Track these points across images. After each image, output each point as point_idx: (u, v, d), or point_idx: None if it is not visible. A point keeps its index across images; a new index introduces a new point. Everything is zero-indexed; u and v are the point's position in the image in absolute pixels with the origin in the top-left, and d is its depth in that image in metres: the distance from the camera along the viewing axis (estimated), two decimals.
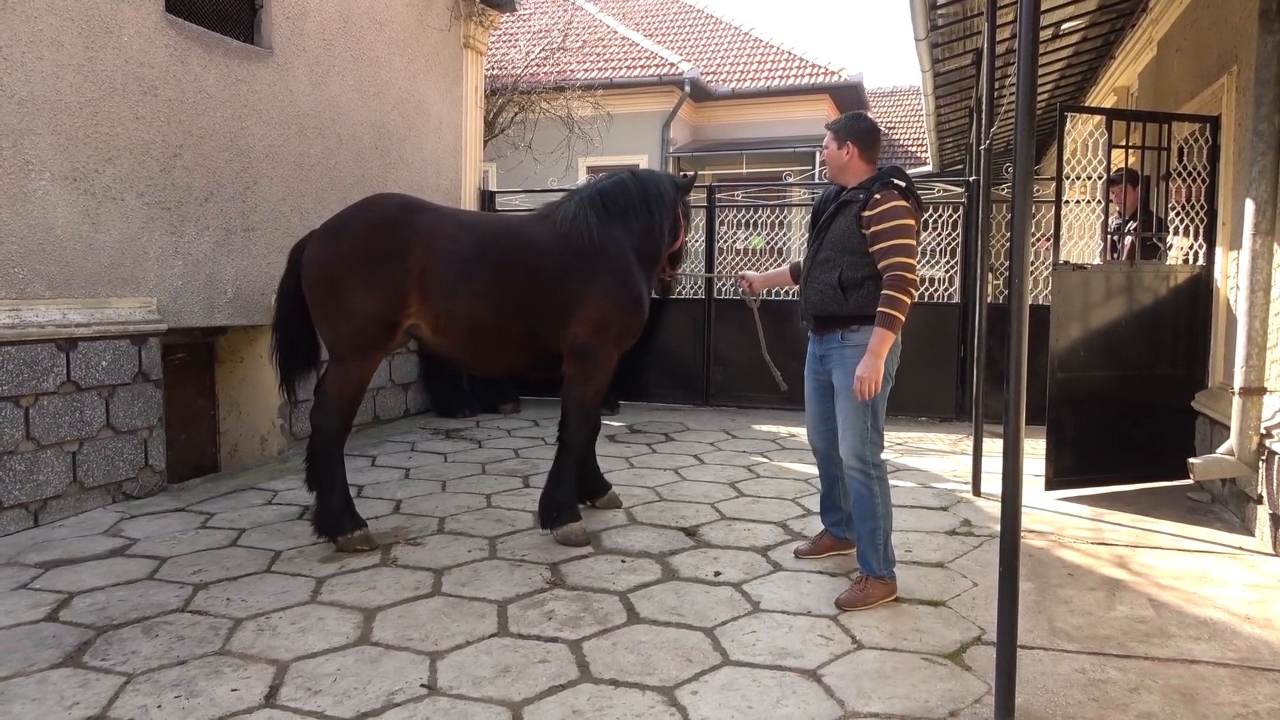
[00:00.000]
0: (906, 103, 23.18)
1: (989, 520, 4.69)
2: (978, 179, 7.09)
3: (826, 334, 3.64)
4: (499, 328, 4.20)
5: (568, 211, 4.42)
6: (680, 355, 8.59)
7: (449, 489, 5.39)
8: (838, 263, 3.55)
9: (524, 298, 4.20)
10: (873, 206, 3.43)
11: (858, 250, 3.50)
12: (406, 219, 4.17)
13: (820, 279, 3.61)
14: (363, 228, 4.15)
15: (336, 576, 3.80)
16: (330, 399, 4.15)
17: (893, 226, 3.40)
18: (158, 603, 3.50)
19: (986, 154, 5.36)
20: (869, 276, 3.49)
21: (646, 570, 3.90)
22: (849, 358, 3.52)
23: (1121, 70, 8.30)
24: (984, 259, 5.48)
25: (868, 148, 3.61)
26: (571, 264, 4.27)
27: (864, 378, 3.38)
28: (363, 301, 4.04)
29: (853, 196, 3.54)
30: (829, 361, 3.65)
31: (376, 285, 4.05)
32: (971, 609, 3.46)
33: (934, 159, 12.87)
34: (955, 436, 7.19)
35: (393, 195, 4.47)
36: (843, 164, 3.62)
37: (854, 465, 3.55)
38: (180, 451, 5.82)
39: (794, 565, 3.97)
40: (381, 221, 4.16)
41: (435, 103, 8.23)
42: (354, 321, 4.06)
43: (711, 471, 5.88)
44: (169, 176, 5.38)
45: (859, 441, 3.52)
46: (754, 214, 8.65)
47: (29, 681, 2.85)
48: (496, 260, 4.20)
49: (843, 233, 3.54)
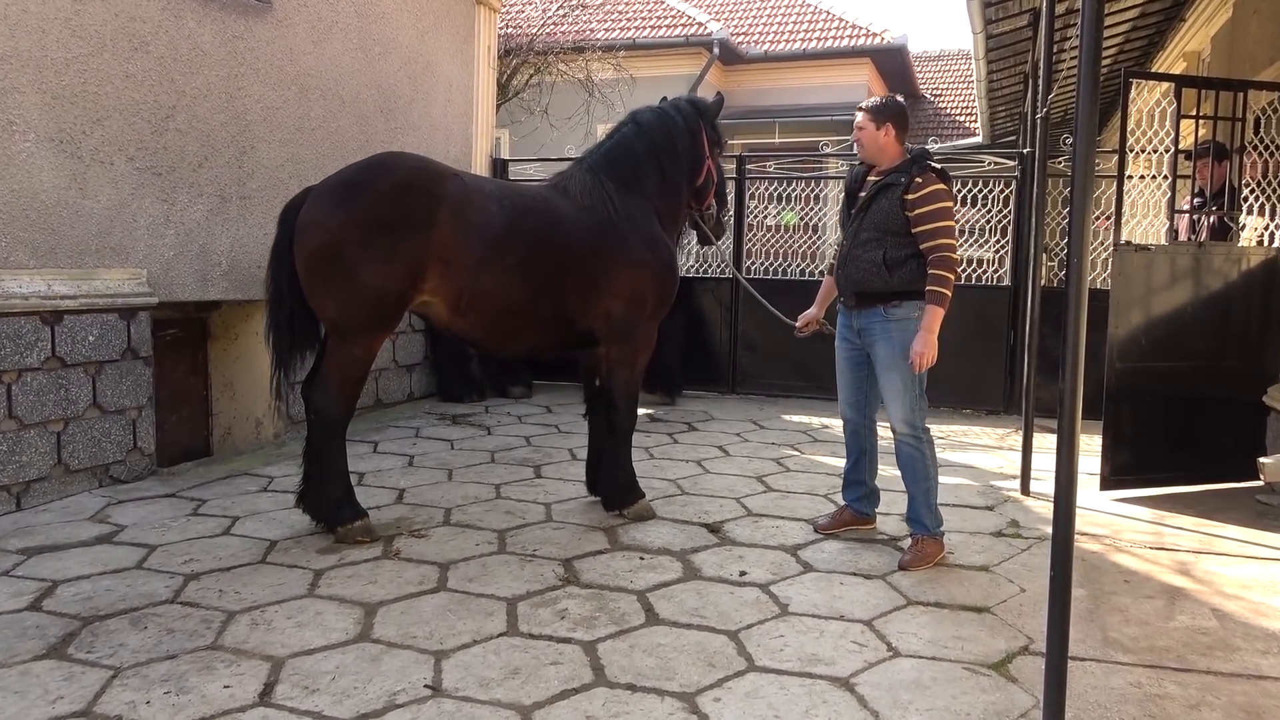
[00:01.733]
0: (955, 67, 22.96)
1: (1039, 521, 4.67)
2: (1032, 151, 7.01)
3: (867, 309, 4.07)
4: (528, 307, 4.24)
5: (583, 182, 4.45)
6: (705, 339, 8.58)
7: (455, 478, 5.42)
8: (881, 242, 4.00)
9: (555, 274, 4.25)
10: (915, 190, 3.91)
11: (901, 231, 3.97)
12: (430, 185, 4.06)
13: (863, 257, 4.04)
14: (381, 190, 4.00)
15: (336, 569, 3.84)
16: (332, 381, 4.11)
17: (936, 209, 3.90)
18: (147, 593, 3.55)
19: (1043, 124, 5.29)
20: (911, 255, 3.96)
21: (666, 568, 3.91)
22: (893, 331, 3.99)
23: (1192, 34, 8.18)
24: (1038, 238, 5.42)
25: (903, 129, 4.07)
26: (599, 236, 4.34)
27: (923, 353, 3.87)
28: (375, 276, 3.93)
29: (894, 179, 3.98)
30: (870, 335, 4.09)
31: (393, 258, 3.93)
32: (1018, 616, 3.44)
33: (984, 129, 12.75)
34: (1003, 431, 7.16)
35: (406, 155, 4.39)
36: (880, 145, 4.06)
37: (905, 431, 4.04)
38: (171, 434, 5.89)
39: (826, 565, 3.97)
40: (402, 185, 4.03)
41: (445, 63, 8.23)
42: (363, 296, 3.95)
43: (737, 464, 5.88)
44: (161, 139, 5.41)
45: (908, 409, 4.01)
46: (787, 187, 8.60)
47: (10, 674, 2.89)
48: (529, 234, 4.20)
49: (885, 214, 3.98)
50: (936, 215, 3.89)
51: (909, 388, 3.99)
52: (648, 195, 4.56)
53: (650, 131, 4.63)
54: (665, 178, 4.63)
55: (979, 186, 7.93)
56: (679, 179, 4.69)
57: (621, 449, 4.63)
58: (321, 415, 4.16)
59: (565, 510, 4.78)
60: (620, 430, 4.60)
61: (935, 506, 4.06)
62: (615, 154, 4.57)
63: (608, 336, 4.46)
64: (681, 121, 4.69)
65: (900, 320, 3.98)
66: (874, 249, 4.01)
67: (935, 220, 3.89)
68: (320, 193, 4.09)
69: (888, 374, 4.04)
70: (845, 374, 4.29)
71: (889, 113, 4.03)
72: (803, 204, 8.68)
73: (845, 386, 4.30)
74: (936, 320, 3.88)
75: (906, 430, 4.03)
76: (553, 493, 5.11)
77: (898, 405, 4.02)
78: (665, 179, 4.63)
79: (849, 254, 4.11)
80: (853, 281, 4.09)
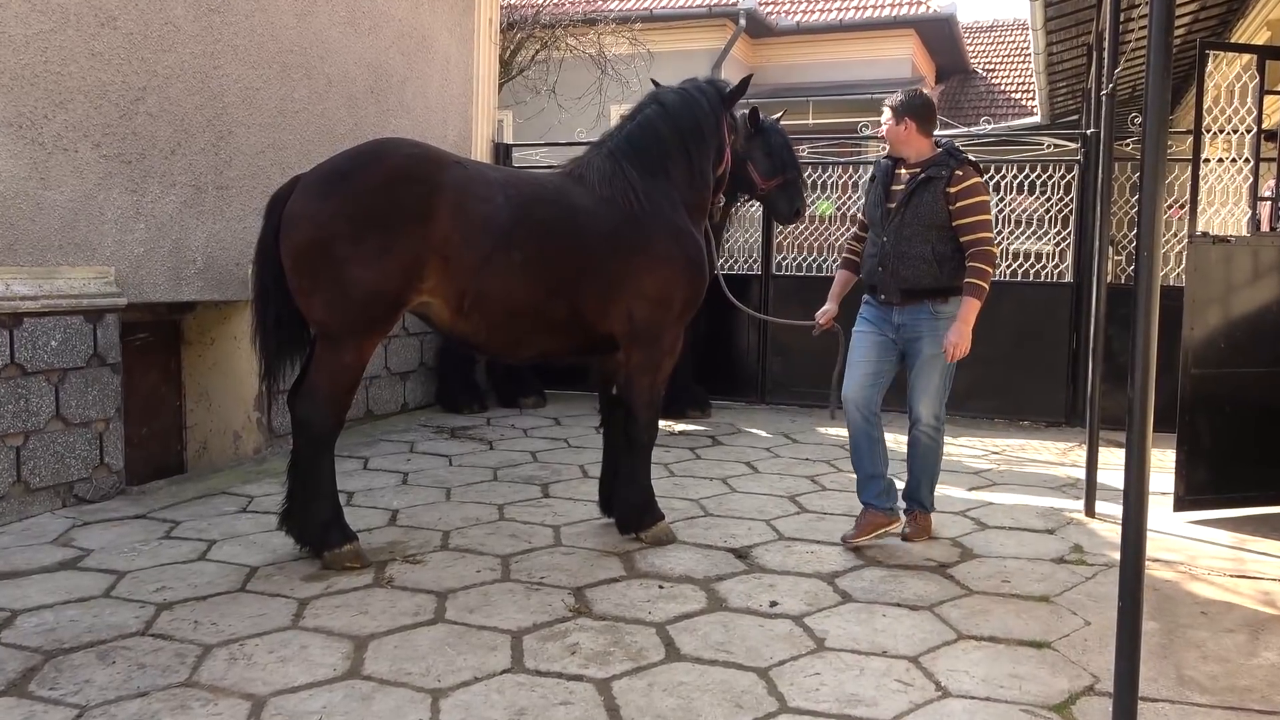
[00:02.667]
0: (1010, 39, 22.89)
1: (1105, 546, 4.65)
2: (1097, 132, 6.98)
3: (913, 305, 4.48)
4: (539, 308, 4.26)
5: (603, 169, 4.46)
6: (730, 343, 8.58)
7: (454, 497, 5.44)
8: (926, 236, 4.41)
9: (570, 272, 4.27)
10: (956, 183, 4.38)
11: (944, 225, 4.40)
12: (428, 174, 4.07)
13: (910, 253, 4.43)
14: (374, 180, 4.01)
15: (322, 598, 3.85)
16: (320, 389, 4.11)
17: (976, 203, 4.39)
18: (115, 624, 3.57)
19: (1108, 101, 5.27)
20: (956, 249, 4.42)
21: (688, 598, 3.91)
22: (940, 328, 4.43)
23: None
24: (1103, 229, 5.40)
25: (925, 122, 4.53)
26: (621, 230, 4.35)
27: (957, 344, 4.33)
28: (368, 274, 3.94)
29: (934, 173, 4.42)
30: (913, 331, 4.50)
31: (388, 255, 3.94)
32: (1082, 652, 3.43)
33: (1043, 108, 12.70)
34: (1065, 445, 7.12)
35: (402, 141, 4.41)
36: (901, 139, 4.55)
37: (930, 424, 4.60)
38: (141, 449, 5.94)
39: (866, 595, 3.96)
40: (397, 174, 4.04)
41: (441, 37, 8.28)
42: (353, 297, 3.96)
43: (767, 482, 5.88)
44: (130, 124, 5.46)
45: (937, 402, 4.56)
46: (822, 173, 8.60)
47: None
48: (539, 227, 4.22)
49: (929, 209, 4.41)
50: (976, 209, 4.38)
51: (944, 383, 4.54)
52: (675, 184, 4.58)
53: (676, 114, 4.64)
54: (693, 164, 4.65)
55: (1037, 172, 7.90)
56: (706, 166, 4.72)
57: (640, 465, 4.64)
58: (308, 428, 4.16)
59: (576, 533, 4.79)
60: (639, 444, 4.61)
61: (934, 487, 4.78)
62: (639, 138, 4.57)
63: (629, 340, 4.47)
64: (706, 104, 4.72)
65: (947, 318, 4.41)
66: (920, 244, 4.40)
67: (975, 214, 4.37)
68: (309, 183, 4.11)
69: (929, 370, 4.49)
70: (867, 363, 4.58)
71: (908, 108, 4.50)
72: (840, 192, 8.67)
73: (863, 374, 4.58)
74: (973, 312, 4.34)
75: (932, 421, 4.59)
76: (562, 514, 5.13)
77: (931, 399, 4.54)
78: (693, 166, 4.65)
79: (893, 250, 4.45)
80: (900, 278, 4.44)
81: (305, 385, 4.18)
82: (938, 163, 4.44)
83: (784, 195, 7.08)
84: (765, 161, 6.89)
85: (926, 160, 4.48)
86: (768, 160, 6.90)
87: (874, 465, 4.62)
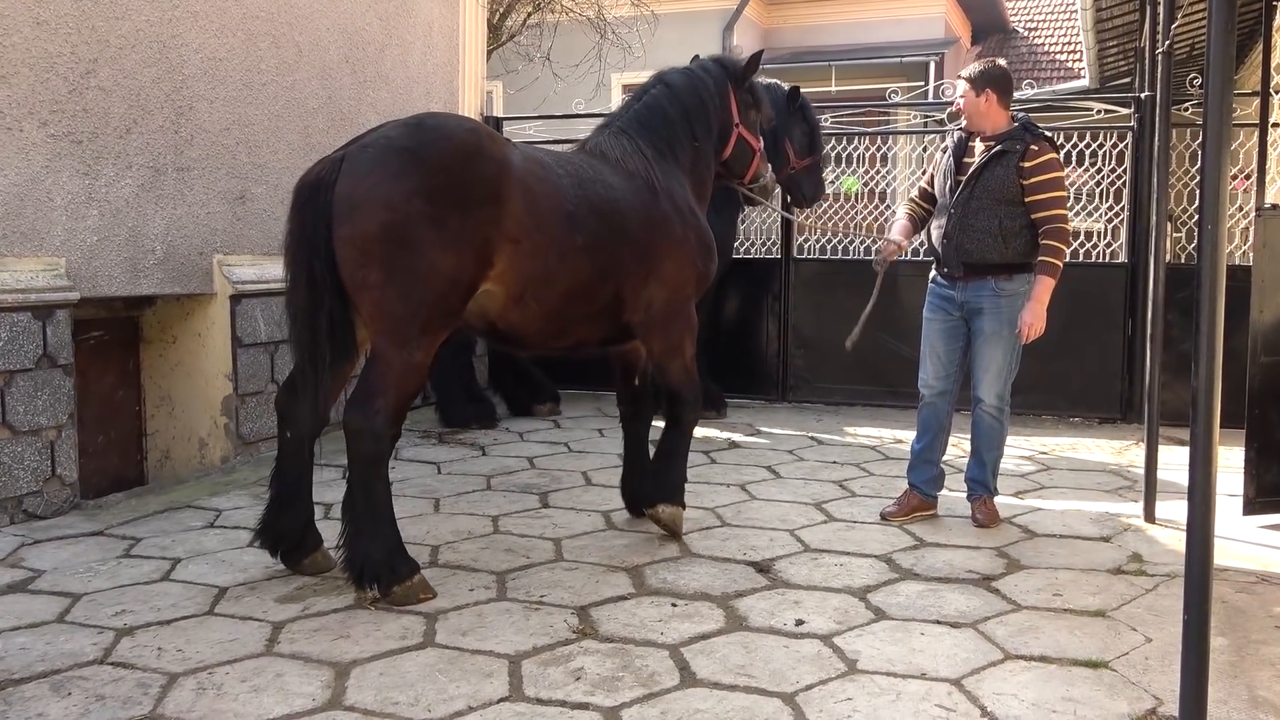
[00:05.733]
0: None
1: (1167, 555, 4.64)
2: (1152, 95, 6.97)
3: (976, 280, 4.83)
4: (592, 293, 4.47)
5: (623, 147, 4.71)
6: (748, 334, 8.58)
7: (444, 508, 5.45)
8: (995, 211, 4.75)
9: (619, 254, 4.51)
10: (1030, 158, 4.70)
11: (1015, 200, 4.74)
12: (496, 152, 4.17)
13: (976, 226, 4.78)
14: (449, 157, 4.04)
15: (299, 621, 3.86)
16: (386, 396, 3.99)
17: (1051, 179, 4.71)
18: (70, 652, 3.57)
19: (1165, 60, 5.25)
20: (1025, 226, 4.75)
21: (705, 617, 3.91)
22: (1003, 306, 4.78)
23: None
24: (1161, 203, 5.39)
25: (1005, 94, 4.85)
26: (651, 209, 4.62)
27: (1032, 323, 4.69)
28: (449, 259, 3.95)
29: (1009, 147, 4.74)
30: (977, 308, 4.84)
31: (464, 238, 3.99)
32: (1143, 672, 3.42)
33: (1091, 70, 12.65)
34: (1121, 443, 7.11)
35: (448, 115, 4.61)
36: (981, 112, 4.84)
37: (994, 405, 4.93)
38: (97, 459, 5.95)
39: (902, 611, 3.96)
40: (470, 151, 4.09)
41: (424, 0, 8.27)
42: (433, 285, 3.95)
43: (791, 488, 5.88)
44: (80, 100, 5.47)
45: (1003, 384, 4.90)
46: (847, 145, 8.59)
47: None
48: (596, 208, 4.42)
49: (1000, 182, 4.75)
50: (1051, 185, 4.71)
51: (1009, 362, 4.87)
52: (682, 166, 4.88)
53: (681, 95, 4.92)
54: (698, 147, 4.96)
55: (1086, 141, 7.88)
56: (709, 150, 5.03)
57: (683, 442, 4.93)
58: (367, 442, 4.01)
59: (579, 546, 4.79)
60: (685, 422, 4.90)
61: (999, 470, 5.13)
62: (648, 117, 4.86)
63: (646, 328, 4.71)
64: (712, 85, 5.01)
65: (1011, 295, 4.78)
66: (988, 218, 4.76)
67: (1050, 190, 4.70)
68: (370, 161, 4.00)
69: (990, 348, 4.85)
70: (938, 347, 5.02)
71: (988, 78, 4.81)
72: (866, 166, 8.66)
73: (936, 361, 5.03)
74: (1047, 291, 4.70)
75: (996, 403, 4.93)
76: (564, 525, 5.13)
77: (994, 379, 4.89)
78: (697, 149, 4.96)
79: (958, 223, 4.82)
80: (964, 251, 4.82)
81: (363, 394, 4.02)
82: (1013, 136, 4.78)
83: (810, 178, 7.37)
84: (803, 140, 7.26)
85: (1002, 134, 4.81)
86: (806, 139, 7.28)
87: (932, 451, 5.11)
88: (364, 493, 4.06)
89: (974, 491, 5.10)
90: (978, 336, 4.89)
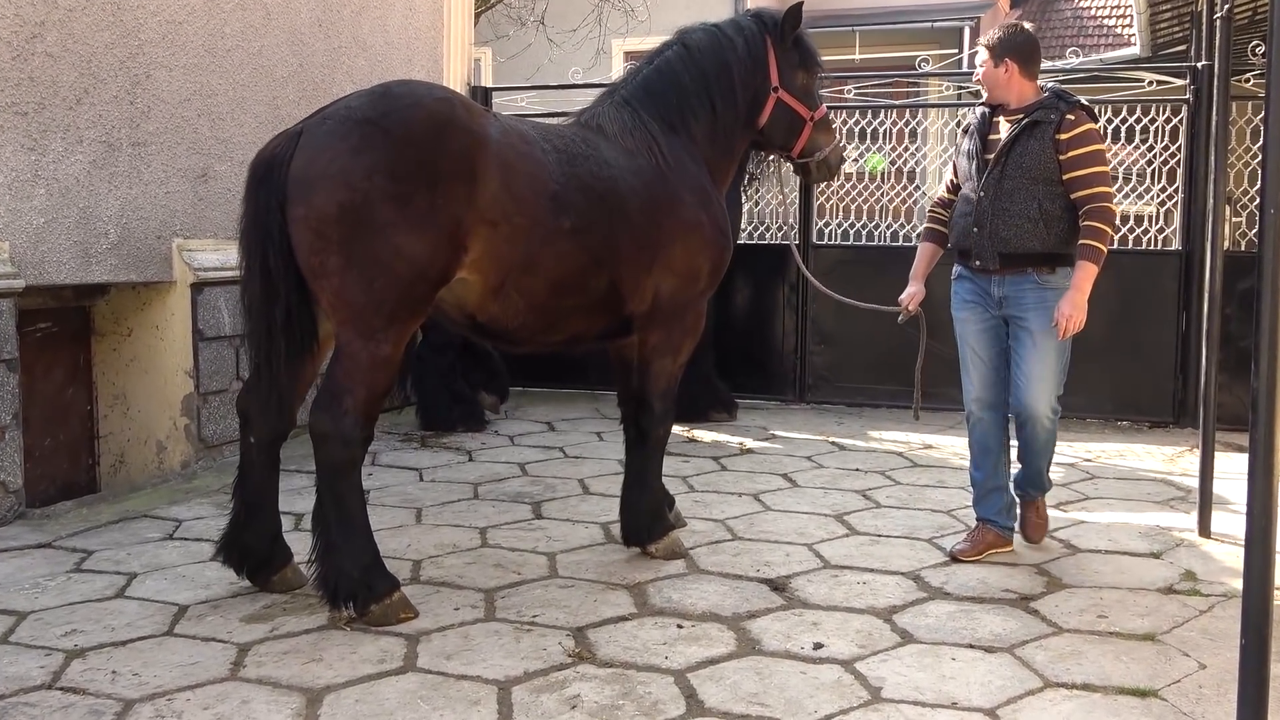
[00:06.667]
0: None
1: (1223, 573, 4.64)
2: (1209, 65, 6.95)
3: (1016, 273, 4.61)
4: (584, 282, 4.41)
5: (621, 120, 4.63)
6: (762, 328, 8.58)
7: (426, 519, 5.46)
8: (1033, 192, 4.55)
9: (615, 239, 4.45)
10: (1067, 129, 4.50)
11: (1053, 178, 4.54)
12: (468, 122, 4.11)
13: (1012, 210, 4.57)
14: (416, 128, 3.99)
15: (266, 643, 3.86)
16: (355, 394, 3.98)
17: (1090, 152, 4.50)
18: (15, 676, 3.58)
19: (1224, 26, 5.25)
20: (1067, 208, 4.56)
21: (714, 639, 3.91)
22: (1049, 301, 4.54)
23: None
24: (1218, 185, 5.39)
25: (1028, 62, 4.66)
26: (654, 189, 4.56)
27: (1071, 315, 4.43)
28: (416, 243, 3.92)
29: (1041, 118, 4.55)
30: (1018, 306, 4.62)
31: (433, 219, 3.95)
32: (1196, 701, 3.42)
33: (1142, 36, 12.62)
34: (1173, 450, 7.11)
35: (418, 82, 4.52)
36: (1001, 83, 4.68)
37: (1046, 415, 4.64)
38: (44, 463, 5.96)
39: (931, 635, 3.96)
40: (440, 121, 4.04)
41: None
42: (398, 271, 3.92)
43: (809, 498, 5.89)
44: (25, 67, 5.47)
45: (1051, 390, 4.63)
46: (873, 120, 8.59)
47: None
48: (585, 187, 4.36)
49: (1035, 159, 4.54)
50: (1092, 159, 4.50)
51: (1059, 363, 4.63)
52: (696, 140, 4.78)
53: (700, 58, 4.78)
54: (717, 118, 4.83)
55: (1136, 115, 7.88)
56: (733, 121, 4.88)
57: (652, 465, 4.84)
58: (335, 446, 3.99)
59: (575, 562, 4.80)
60: (653, 439, 4.81)
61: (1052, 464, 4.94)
62: (657, 85, 4.75)
63: (648, 320, 4.66)
64: (742, 45, 4.84)
65: (1056, 289, 4.55)
66: (1024, 200, 4.55)
67: (1090, 164, 4.49)
68: (328, 134, 3.99)
69: (1039, 350, 4.58)
70: (981, 354, 4.81)
71: (1007, 46, 4.63)
72: (893, 143, 8.67)
73: (981, 370, 4.83)
74: (1089, 279, 4.46)
75: (1048, 413, 4.65)
76: (558, 538, 5.14)
77: (1045, 385, 4.61)
78: (716, 120, 4.83)
79: (990, 208, 4.61)
80: (999, 240, 4.59)
81: (328, 393, 4.02)
82: (1045, 105, 4.58)
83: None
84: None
85: (1031, 104, 4.62)
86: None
87: (997, 476, 4.84)
88: (335, 502, 4.05)
89: (1027, 495, 4.93)
90: (1022, 338, 4.64)
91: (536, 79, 11.64)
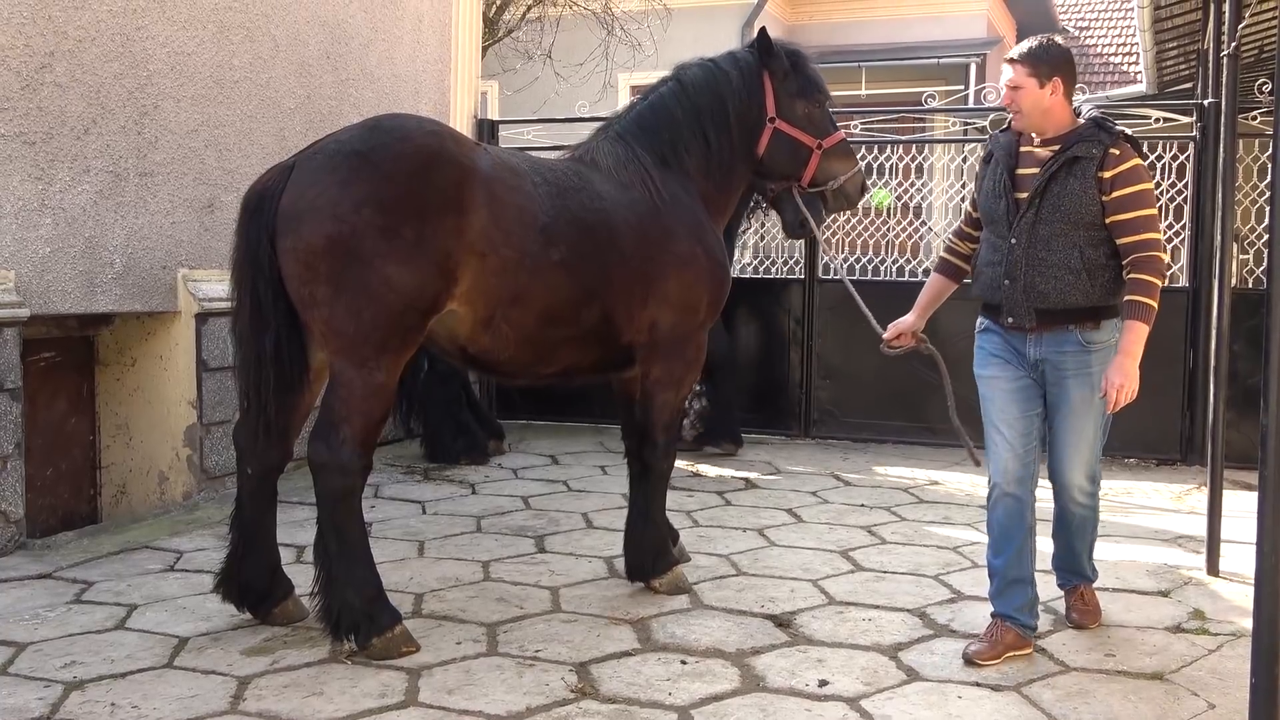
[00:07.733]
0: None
1: (1233, 612, 4.62)
2: (1216, 102, 6.98)
3: (1056, 331, 4.07)
4: (574, 314, 4.44)
5: (615, 154, 4.69)
6: (767, 363, 8.58)
7: (429, 552, 5.45)
8: (1073, 238, 4.02)
9: (605, 271, 4.49)
10: (1111, 165, 3.97)
11: (1096, 222, 4.02)
12: (459, 156, 4.18)
13: (1050, 260, 4.03)
14: (404, 161, 4.06)
15: (267, 676, 3.86)
16: (351, 424, 4.01)
17: (1138, 193, 3.98)
18: (13, 708, 3.57)
19: (1231, 64, 5.27)
20: (1112, 254, 4.04)
21: (718, 676, 3.90)
22: (1094, 363, 4.04)
23: None
24: (1226, 222, 5.40)
25: (1072, 82, 4.09)
26: (647, 223, 4.61)
27: (1122, 385, 3.85)
28: (405, 274, 3.97)
29: (1082, 152, 3.99)
30: (1058, 370, 4.10)
31: (422, 251, 4.00)
32: None
33: (1148, 74, 12.68)
34: (1181, 487, 7.09)
35: (409, 116, 4.59)
36: (1045, 108, 4.05)
37: (1086, 489, 4.26)
38: (46, 493, 5.96)
39: (938, 673, 3.95)
40: (429, 155, 4.11)
41: None
42: (386, 302, 3.97)
43: (813, 534, 5.87)
44: (33, 97, 5.50)
45: (1092, 459, 4.21)
46: (879, 155, 8.62)
47: None
48: (576, 219, 4.41)
49: (1076, 200, 3.99)
50: (1139, 200, 3.98)
51: (1099, 433, 4.20)
52: (690, 173, 4.82)
53: (694, 92, 4.85)
54: (711, 152, 4.87)
55: (1143, 152, 7.89)
56: (729, 153, 4.91)
57: (655, 498, 4.87)
58: (333, 476, 4.02)
59: (579, 596, 4.79)
60: (657, 472, 4.85)
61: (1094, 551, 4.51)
62: (650, 119, 4.83)
63: (649, 353, 4.71)
64: (737, 78, 4.88)
65: (1101, 348, 4.05)
66: (1064, 249, 4.02)
67: (1138, 206, 3.98)
68: (317, 168, 4.08)
69: (1079, 419, 4.13)
70: (1012, 415, 4.17)
71: (1053, 62, 4.03)
72: (900, 178, 8.69)
73: (1013, 435, 4.16)
74: (1139, 342, 3.92)
75: (1088, 486, 4.27)
76: (561, 572, 5.13)
77: (1083, 459, 4.19)
78: (711, 153, 4.88)
79: (1024, 257, 4.05)
80: (1036, 295, 4.04)
81: (325, 422, 4.06)
82: (1085, 138, 4.02)
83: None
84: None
85: (1069, 134, 4.06)
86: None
87: (1021, 566, 4.16)
88: (335, 533, 4.07)
89: (1068, 581, 4.48)
90: (1061, 405, 4.12)
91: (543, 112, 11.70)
